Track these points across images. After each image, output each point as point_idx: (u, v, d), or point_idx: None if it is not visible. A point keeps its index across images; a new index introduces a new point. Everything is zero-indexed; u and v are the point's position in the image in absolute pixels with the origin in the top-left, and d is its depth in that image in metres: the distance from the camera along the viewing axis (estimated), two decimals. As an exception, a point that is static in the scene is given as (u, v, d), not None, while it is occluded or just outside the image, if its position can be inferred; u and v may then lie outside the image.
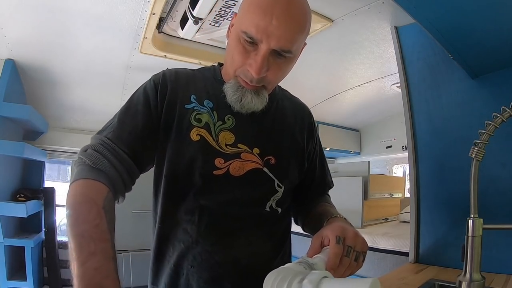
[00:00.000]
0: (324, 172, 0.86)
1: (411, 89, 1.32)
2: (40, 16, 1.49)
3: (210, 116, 0.67)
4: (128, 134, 0.62)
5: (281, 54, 0.60)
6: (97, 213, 0.51)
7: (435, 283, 0.94)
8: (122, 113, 0.66)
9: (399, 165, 3.58)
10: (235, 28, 0.62)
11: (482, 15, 0.80)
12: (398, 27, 1.39)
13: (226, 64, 0.68)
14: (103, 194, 0.55)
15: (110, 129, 0.63)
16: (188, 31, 1.62)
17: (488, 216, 0.80)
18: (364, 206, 2.17)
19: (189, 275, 0.64)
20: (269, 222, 0.70)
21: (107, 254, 0.47)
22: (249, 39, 0.59)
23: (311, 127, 0.82)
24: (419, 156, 1.28)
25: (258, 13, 0.57)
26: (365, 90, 2.43)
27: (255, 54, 0.60)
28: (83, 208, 0.52)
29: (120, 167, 0.59)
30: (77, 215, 0.51)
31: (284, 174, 0.71)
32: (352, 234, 0.56)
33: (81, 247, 0.47)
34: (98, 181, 0.56)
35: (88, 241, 0.47)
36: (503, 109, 0.76)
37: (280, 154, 0.71)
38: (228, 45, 0.66)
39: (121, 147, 0.60)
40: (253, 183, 0.67)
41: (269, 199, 0.69)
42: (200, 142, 0.64)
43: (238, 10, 0.64)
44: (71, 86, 2.11)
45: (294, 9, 0.59)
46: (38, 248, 2.28)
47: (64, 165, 5.14)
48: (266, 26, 0.57)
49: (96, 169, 0.58)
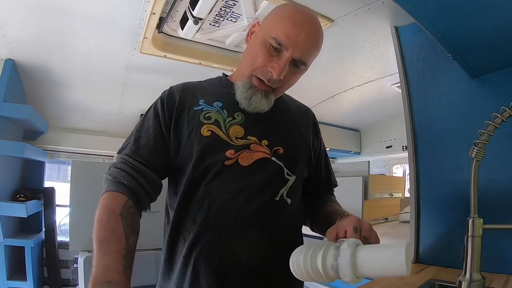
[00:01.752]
0: (330, 172, 0.90)
1: (411, 89, 1.32)
2: (40, 16, 1.49)
3: (219, 114, 0.71)
4: (143, 147, 0.69)
5: (297, 65, 0.69)
6: (115, 220, 0.60)
7: (435, 283, 0.94)
8: (138, 131, 0.73)
9: (399, 165, 3.58)
10: (262, 35, 0.69)
11: (482, 15, 0.80)
12: (398, 27, 1.39)
13: (244, 64, 0.73)
14: (122, 202, 0.63)
15: (128, 147, 0.71)
16: (188, 31, 1.62)
17: (488, 216, 0.80)
18: (364, 206, 2.17)
19: (196, 266, 0.65)
20: (280, 212, 0.71)
21: (119, 253, 0.55)
22: (277, 45, 0.66)
23: (316, 127, 0.87)
24: (419, 156, 1.28)
25: (290, 25, 0.67)
26: (365, 90, 2.43)
27: (278, 59, 0.67)
28: (103, 217, 0.60)
29: (139, 177, 0.66)
30: (99, 223, 0.59)
31: (293, 163, 0.74)
32: (368, 226, 0.60)
33: (98, 249, 0.56)
34: (117, 192, 0.64)
35: (104, 244, 0.56)
36: (503, 109, 0.76)
37: (289, 145, 0.74)
38: (250, 48, 0.73)
39: (138, 159, 0.68)
40: (261, 172, 0.69)
41: (279, 188, 0.71)
42: (211, 137, 0.68)
43: (265, 21, 0.73)
44: (71, 86, 2.11)
45: (317, 31, 0.70)
46: (38, 248, 2.28)
47: (64, 165, 5.15)
48: (295, 37, 0.66)
49: (117, 182, 0.65)
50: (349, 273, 0.46)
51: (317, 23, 0.70)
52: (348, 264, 0.46)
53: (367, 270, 0.46)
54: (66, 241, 2.35)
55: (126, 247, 0.57)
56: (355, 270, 0.46)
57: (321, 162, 0.86)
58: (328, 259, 0.49)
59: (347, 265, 0.46)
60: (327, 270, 0.49)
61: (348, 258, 0.46)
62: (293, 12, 0.69)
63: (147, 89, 2.17)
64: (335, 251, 0.49)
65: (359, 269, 0.46)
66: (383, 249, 0.48)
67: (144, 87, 2.17)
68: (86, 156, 2.65)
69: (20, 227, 2.24)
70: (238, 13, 1.52)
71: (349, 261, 0.46)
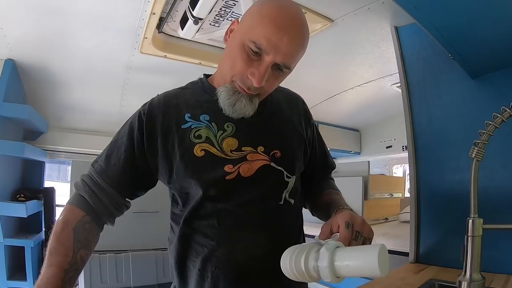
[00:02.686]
0: (325, 154, 0.89)
1: (411, 89, 1.32)
2: (40, 16, 1.49)
3: (209, 130, 0.68)
4: (112, 166, 0.69)
5: (280, 69, 0.64)
6: (67, 233, 0.62)
7: (435, 283, 0.94)
8: (111, 147, 0.72)
9: (399, 165, 3.58)
10: (241, 36, 0.64)
11: (482, 15, 0.80)
12: (398, 27, 1.39)
13: (223, 68, 0.69)
14: (78, 217, 0.65)
15: (99, 162, 0.71)
16: (188, 31, 1.62)
17: (488, 216, 0.80)
18: (364, 206, 2.17)
19: (214, 277, 0.66)
20: (286, 215, 0.72)
21: (61, 267, 0.59)
22: (256, 49, 0.61)
23: (306, 114, 0.84)
24: (419, 156, 1.28)
25: (272, 28, 0.60)
26: (365, 90, 2.42)
27: (258, 65, 0.62)
28: (58, 228, 0.63)
29: (101, 194, 0.68)
30: (53, 234, 0.62)
31: (291, 165, 0.73)
32: (360, 220, 0.60)
33: (46, 260, 0.60)
34: (76, 206, 0.67)
35: (52, 256, 0.60)
36: (503, 109, 0.76)
37: (284, 146, 0.73)
38: (228, 50, 0.68)
39: (105, 179, 0.68)
40: (264, 180, 0.69)
41: (282, 192, 0.71)
42: (205, 157, 0.66)
43: (244, 19, 0.66)
44: (71, 86, 2.11)
45: (302, 33, 0.64)
46: (38, 248, 2.28)
47: (64, 165, 5.15)
48: (277, 42, 0.60)
49: (79, 195, 0.68)
50: (328, 275, 0.50)
51: (302, 22, 0.64)
52: (326, 266, 0.50)
53: (345, 272, 0.49)
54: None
55: (70, 262, 0.60)
56: (334, 271, 0.50)
57: (316, 148, 0.85)
58: (310, 261, 0.52)
59: (326, 268, 0.50)
60: (310, 271, 0.52)
61: (327, 260, 0.50)
62: (275, 11, 0.61)
63: (147, 89, 2.17)
64: (316, 254, 0.52)
65: (337, 271, 0.50)
66: (359, 251, 0.52)
67: (144, 87, 2.17)
68: (86, 156, 2.65)
69: (20, 227, 2.23)
70: (238, 13, 1.52)
71: (328, 263, 0.50)
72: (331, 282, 0.51)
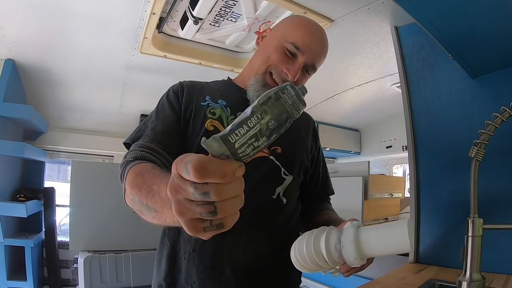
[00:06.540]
0: (327, 179, 0.92)
1: (411, 89, 1.32)
2: (40, 16, 1.49)
3: (223, 111, 0.74)
4: (161, 134, 0.70)
5: (307, 71, 0.75)
6: (151, 169, 0.54)
7: (435, 283, 0.94)
8: (154, 120, 0.73)
9: (399, 165, 3.58)
10: (277, 39, 0.75)
11: (482, 15, 0.80)
12: (398, 27, 1.39)
13: (256, 63, 0.77)
14: (149, 165, 0.58)
15: (144, 136, 0.70)
16: (188, 31, 1.62)
17: (488, 216, 0.80)
18: (364, 206, 2.16)
19: (190, 259, 0.67)
20: (275, 210, 0.72)
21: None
22: (294, 49, 0.72)
23: (315, 132, 0.89)
24: (419, 156, 1.28)
25: (306, 32, 0.74)
26: (365, 90, 2.43)
27: (293, 63, 0.73)
28: (133, 180, 0.55)
29: (159, 157, 0.66)
30: (132, 185, 0.54)
31: (290, 163, 0.75)
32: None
33: (144, 182, 0.50)
34: (141, 162, 0.60)
35: (138, 183, 0.51)
36: (503, 109, 0.76)
37: (286, 144, 0.75)
38: (262, 50, 0.78)
39: (158, 145, 0.67)
40: (258, 170, 0.70)
41: (275, 187, 0.72)
42: (214, 132, 0.70)
43: (278, 27, 0.80)
44: (71, 86, 2.11)
45: (326, 41, 0.79)
46: (38, 248, 2.28)
47: (64, 165, 5.15)
48: (310, 43, 0.73)
49: (138, 160, 0.62)
50: (353, 252, 0.45)
51: (325, 34, 0.78)
52: (352, 241, 0.46)
53: (371, 248, 0.46)
54: (66, 241, 2.35)
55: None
56: (359, 248, 0.46)
57: (319, 170, 0.88)
58: (332, 240, 0.48)
59: (351, 243, 0.46)
60: (331, 252, 0.48)
61: (352, 236, 0.46)
62: (306, 21, 0.77)
63: (147, 89, 2.17)
64: (338, 233, 0.48)
65: (362, 247, 0.46)
66: (386, 227, 0.49)
67: (144, 87, 2.17)
68: (86, 156, 2.65)
69: (20, 227, 2.23)
70: (238, 13, 1.52)
71: (353, 238, 0.46)
72: (354, 262, 0.46)
